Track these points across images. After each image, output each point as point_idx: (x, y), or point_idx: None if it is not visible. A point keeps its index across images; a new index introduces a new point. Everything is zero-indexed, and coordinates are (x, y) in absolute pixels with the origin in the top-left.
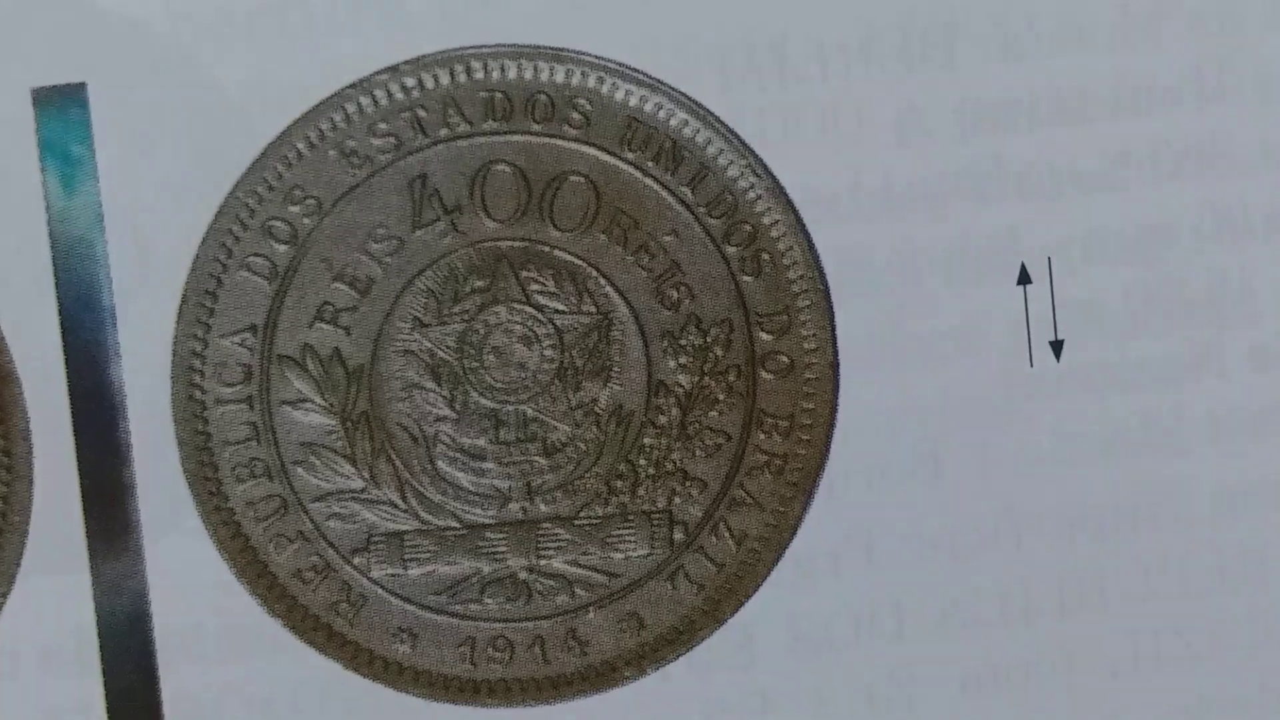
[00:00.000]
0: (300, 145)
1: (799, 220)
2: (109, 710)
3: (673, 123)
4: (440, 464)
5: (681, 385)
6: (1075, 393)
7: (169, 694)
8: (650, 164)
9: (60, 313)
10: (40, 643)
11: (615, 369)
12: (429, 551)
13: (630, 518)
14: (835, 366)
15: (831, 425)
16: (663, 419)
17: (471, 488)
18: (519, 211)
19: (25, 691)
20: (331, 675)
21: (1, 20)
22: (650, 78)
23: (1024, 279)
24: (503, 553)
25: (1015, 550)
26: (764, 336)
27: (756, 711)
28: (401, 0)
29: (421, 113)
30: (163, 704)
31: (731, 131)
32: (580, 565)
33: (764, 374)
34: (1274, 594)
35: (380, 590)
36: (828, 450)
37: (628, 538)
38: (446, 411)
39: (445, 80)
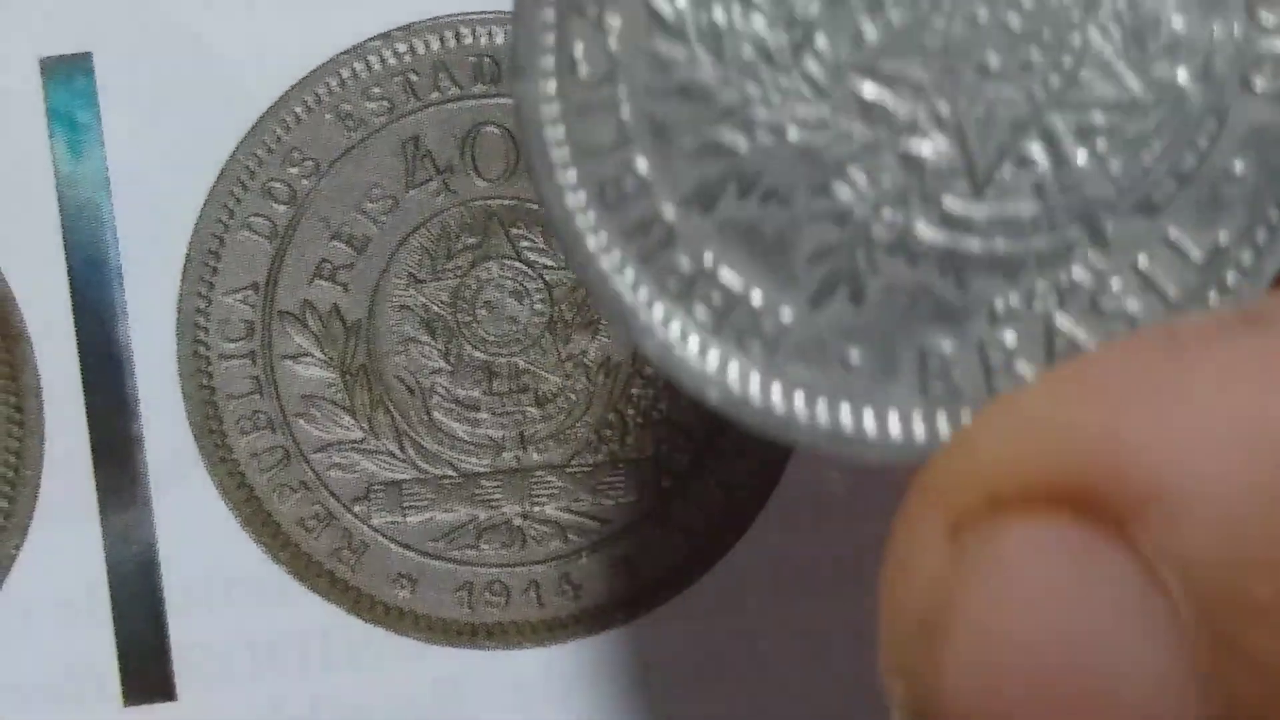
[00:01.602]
0: (298, 109)
1: None
2: (120, 655)
3: None
4: (436, 415)
5: None
6: None
7: (177, 639)
8: None
9: (69, 273)
10: (52, 592)
11: (603, 322)
12: (427, 499)
13: (620, 465)
14: None
15: None
16: (649, 370)
17: (467, 437)
18: (508, 171)
19: (39, 639)
20: (334, 620)
21: None
22: None
23: None
24: (498, 500)
25: None
26: None
27: (746, 653)
28: None
29: (413, 77)
30: (171, 648)
31: None
32: (572, 511)
33: None
34: None
35: (380, 537)
36: None
37: (618, 485)
38: (441, 364)
39: (435, 46)
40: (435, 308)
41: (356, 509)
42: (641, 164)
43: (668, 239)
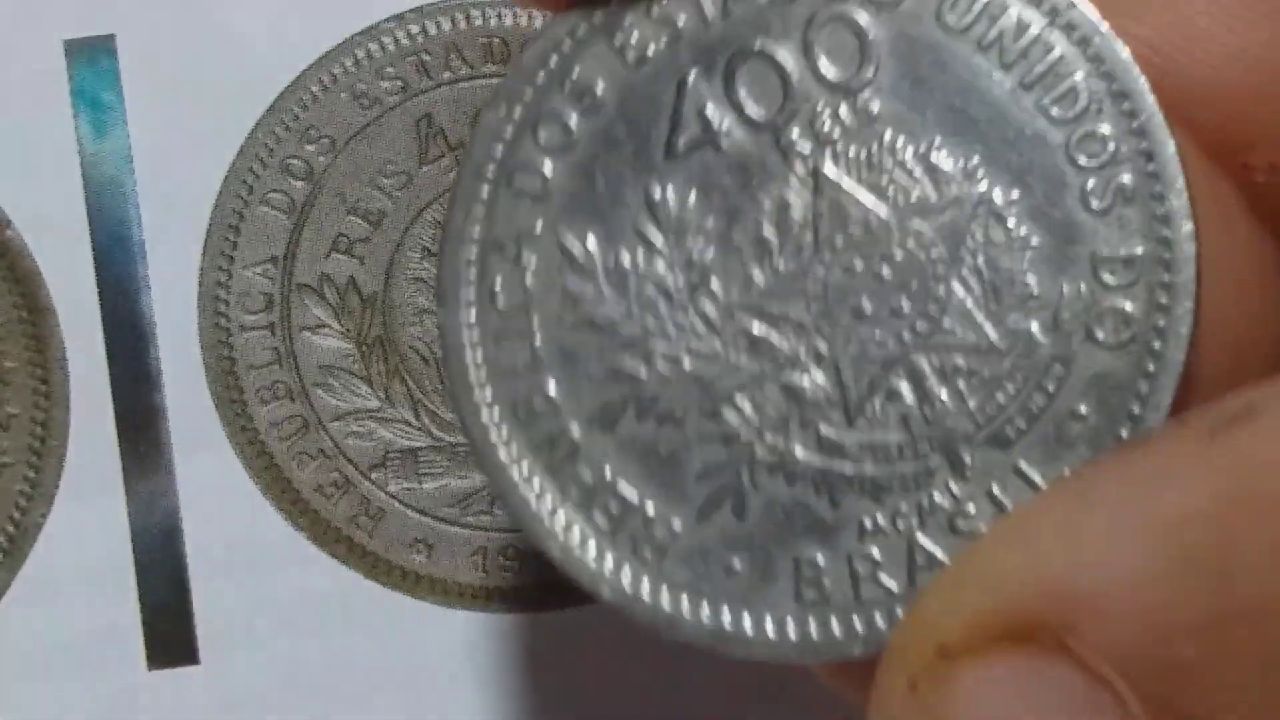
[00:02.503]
0: (314, 89)
1: None
2: (144, 619)
3: None
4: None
5: None
6: None
7: (199, 603)
8: None
9: (93, 249)
10: (78, 558)
11: None
12: (441, 467)
13: None
14: None
15: None
16: None
17: None
18: None
19: (65, 604)
20: (352, 584)
21: None
22: None
23: None
24: None
25: None
26: None
27: None
28: None
29: (426, 57)
30: (194, 613)
31: None
32: None
33: None
34: None
35: (397, 504)
36: None
37: None
38: None
39: (447, 27)
40: None
41: (374, 476)
42: (551, 386)
43: (572, 453)
